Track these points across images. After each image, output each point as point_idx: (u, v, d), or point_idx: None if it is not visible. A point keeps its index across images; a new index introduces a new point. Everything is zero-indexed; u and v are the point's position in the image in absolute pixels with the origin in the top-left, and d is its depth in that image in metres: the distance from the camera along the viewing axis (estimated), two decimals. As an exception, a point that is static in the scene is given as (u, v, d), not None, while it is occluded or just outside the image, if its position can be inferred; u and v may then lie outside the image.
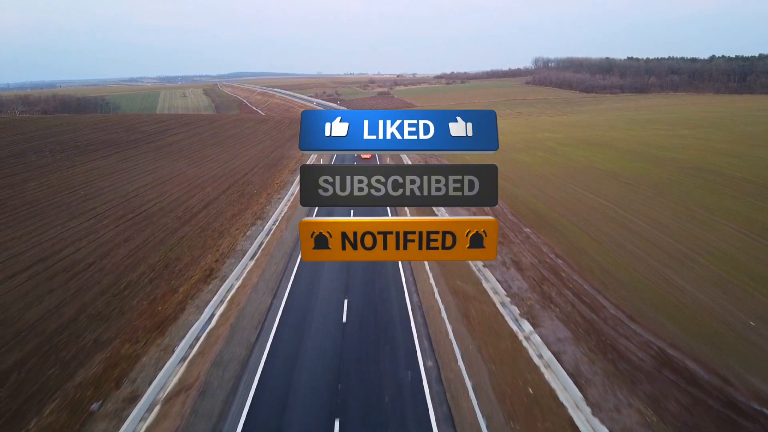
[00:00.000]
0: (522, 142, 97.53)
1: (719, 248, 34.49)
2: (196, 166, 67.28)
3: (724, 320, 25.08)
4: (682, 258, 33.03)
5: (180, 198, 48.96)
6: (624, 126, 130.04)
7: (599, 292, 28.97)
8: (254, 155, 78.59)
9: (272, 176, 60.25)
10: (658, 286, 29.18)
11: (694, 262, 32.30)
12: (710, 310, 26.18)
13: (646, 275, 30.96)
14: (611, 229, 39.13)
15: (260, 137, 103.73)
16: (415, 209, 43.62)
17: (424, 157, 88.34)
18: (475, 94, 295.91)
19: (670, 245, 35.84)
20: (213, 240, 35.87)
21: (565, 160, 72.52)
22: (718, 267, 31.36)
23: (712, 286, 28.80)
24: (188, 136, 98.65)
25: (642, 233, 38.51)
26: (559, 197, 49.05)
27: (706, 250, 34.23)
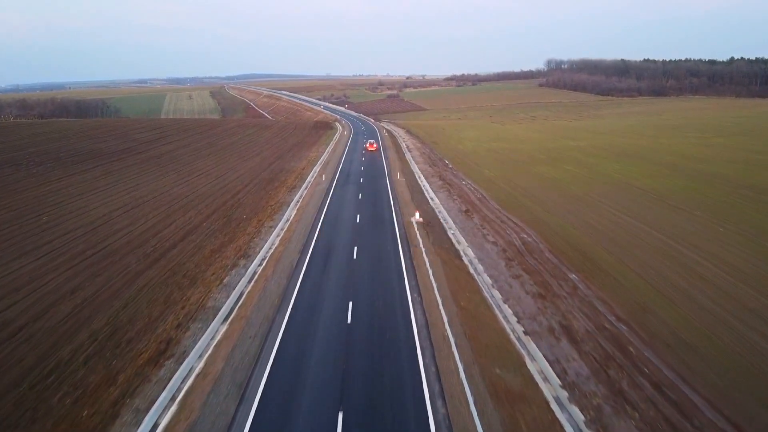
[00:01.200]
0: (543, 151, 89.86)
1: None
2: (184, 182, 60.41)
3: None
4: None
5: (156, 226, 42.00)
6: (649, 132, 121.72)
7: (684, 379, 21.49)
8: (251, 168, 71.64)
9: (267, 195, 53.20)
10: (755, 367, 21.75)
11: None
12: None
13: (737, 348, 23.51)
14: (675, 274, 31.55)
15: (261, 146, 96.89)
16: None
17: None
18: (487, 96, 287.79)
19: (752, 299, 28.26)
20: (180, 290, 28.79)
21: (596, 175, 64.83)
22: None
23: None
24: (183, 145, 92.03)
25: (713, 280, 30.91)
26: (601, 226, 41.47)
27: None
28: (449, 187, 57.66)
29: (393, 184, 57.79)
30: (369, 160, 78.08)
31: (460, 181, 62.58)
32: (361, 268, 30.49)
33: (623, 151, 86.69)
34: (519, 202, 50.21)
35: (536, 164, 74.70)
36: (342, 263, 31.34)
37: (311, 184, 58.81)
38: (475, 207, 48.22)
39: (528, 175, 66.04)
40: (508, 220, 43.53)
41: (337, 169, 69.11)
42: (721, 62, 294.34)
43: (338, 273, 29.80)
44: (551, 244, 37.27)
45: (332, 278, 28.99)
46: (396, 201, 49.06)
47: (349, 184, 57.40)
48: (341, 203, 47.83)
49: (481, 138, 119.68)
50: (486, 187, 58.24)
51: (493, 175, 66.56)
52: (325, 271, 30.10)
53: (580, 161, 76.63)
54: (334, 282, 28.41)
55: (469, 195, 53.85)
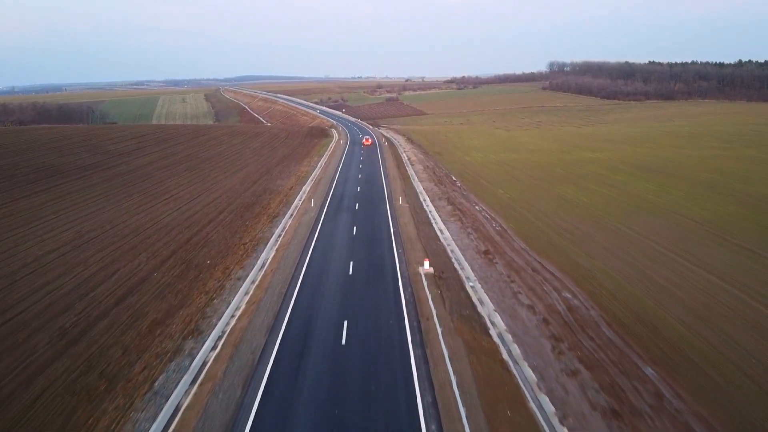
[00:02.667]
0: (560, 165, 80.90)
1: None
2: (148, 209, 51.30)
3: None
4: None
5: (93, 278, 32.90)
6: (668, 141, 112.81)
7: None
8: (231, 187, 62.55)
9: (243, 228, 44.10)
10: None
11: None
12: None
13: None
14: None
15: (247, 158, 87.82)
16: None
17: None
18: (489, 100, 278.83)
19: None
20: (90, 403, 19.74)
21: (629, 197, 55.82)
22: None
23: None
24: (161, 157, 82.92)
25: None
26: (662, 279, 32.37)
27: None
28: (461, 215, 48.62)
29: (394, 212, 48.69)
30: (366, 177, 69.00)
31: (472, 205, 53.54)
32: (353, 365, 21.32)
33: (648, 166, 77.77)
34: (548, 238, 41.14)
35: (556, 182, 65.70)
36: (325, 355, 22.14)
37: (298, 211, 49.73)
38: (496, 246, 39.15)
39: (550, 197, 57.03)
40: (541, 267, 34.46)
41: (329, 190, 60.01)
42: (730, 65, 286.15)
43: (319, 374, 20.63)
44: (605, 310, 28.20)
45: (309, 387, 19.84)
46: (398, 238, 39.95)
47: (342, 212, 48.26)
48: (330, 242, 38.64)
49: (488, 148, 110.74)
50: (504, 214, 49.21)
51: (510, 197, 57.53)
52: (300, 372, 20.91)
53: (605, 179, 67.62)
54: (311, 396, 19.26)
55: (486, 226, 44.79)
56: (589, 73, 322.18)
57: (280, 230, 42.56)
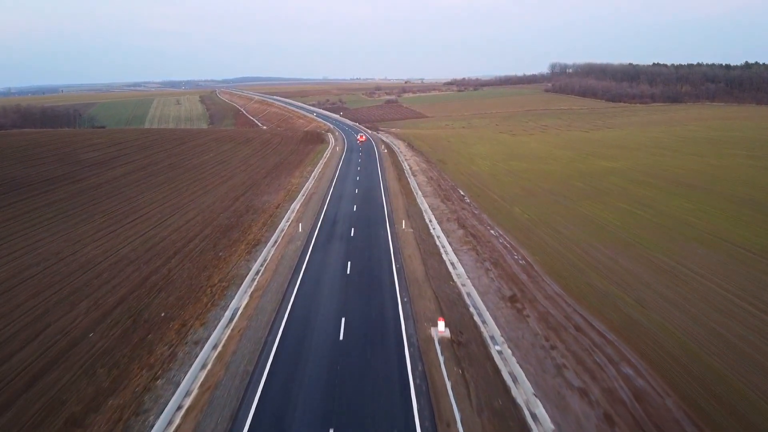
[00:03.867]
0: (577, 176, 73.65)
1: None
2: (106, 235, 43.92)
3: None
4: None
5: (9, 341, 25.53)
6: (686, 149, 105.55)
7: None
8: (210, 204, 55.20)
9: (214, 262, 36.74)
10: None
11: None
12: None
13: None
14: None
15: (234, 167, 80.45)
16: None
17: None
18: (491, 102, 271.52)
19: None
20: None
21: (665, 219, 48.50)
22: None
23: None
24: (139, 168, 75.52)
25: None
26: (745, 343, 25.05)
27: None
28: (475, 243, 41.31)
29: (397, 239, 41.31)
30: (364, 192, 61.63)
31: (486, 228, 46.22)
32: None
33: (674, 178, 70.54)
34: (585, 277, 33.83)
35: (577, 198, 58.45)
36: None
37: (283, 238, 42.38)
38: (523, 288, 31.83)
39: (574, 218, 49.75)
40: (585, 323, 27.12)
41: (321, 209, 52.62)
42: (737, 67, 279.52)
43: None
44: (683, 396, 20.91)
45: None
46: (403, 279, 32.58)
47: (334, 240, 40.81)
48: (318, 287, 31.15)
49: (494, 155, 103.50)
50: (525, 241, 41.90)
51: (529, 217, 50.24)
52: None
53: (631, 194, 60.38)
54: None
55: (507, 259, 37.46)
56: (593, 75, 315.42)
57: (259, 265, 35.22)
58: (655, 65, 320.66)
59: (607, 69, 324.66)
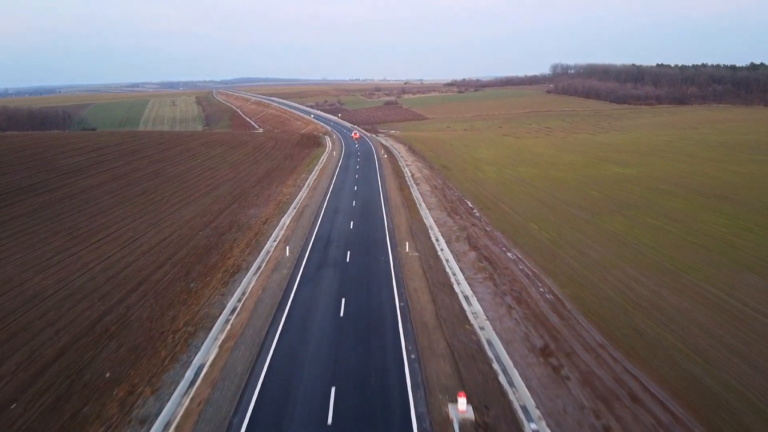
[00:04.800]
0: (591, 185, 67.92)
1: None
2: (66, 258, 38.15)
3: None
4: None
5: None
6: (704, 154, 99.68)
7: None
8: (190, 220, 49.43)
9: (183, 297, 30.98)
10: None
11: None
12: None
13: None
14: None
15: (222, 175, 74.68)
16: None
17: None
18: (492, 104, 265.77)
19: None
20: None
21: (701, 238, 42.71)
22: None
23: None
24: (117, 176, 69.72)
25: None
26: None
27: None
28: (491, 269, 35.58)
29: (400, 268, 35.46)
30: (362, 205, 55.85)
31: (502, 250, 40.48)
32: None
33: (698, 187, 64.93)
34: (629, 319, 28.03)
35: (598, 212, 52.76)
36: None
37: (267, 263, 36.63)
38: (556, 336, 26.08)
39: (599, 236, 44.01)
40: (642, 389, 21.36)
41: (313, 226, 46.80)
42: (744, 68, 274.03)
43: None
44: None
45: None
46: (409, 325, 26.80)
47: (326, 268, 34.94)
48: (304, 334, 25.38)
49: (500, 160, 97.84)
50: (549, 267, 36.16)
51: (548, 235, 44.50)
52: None
53: (656, 206, 54.71)
54: None
55: (532, 292, 31.72)
56: (595, 76, 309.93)
57: (236, 300, 29.49)
58: (658, 66, 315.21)
59: (609, 70, 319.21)
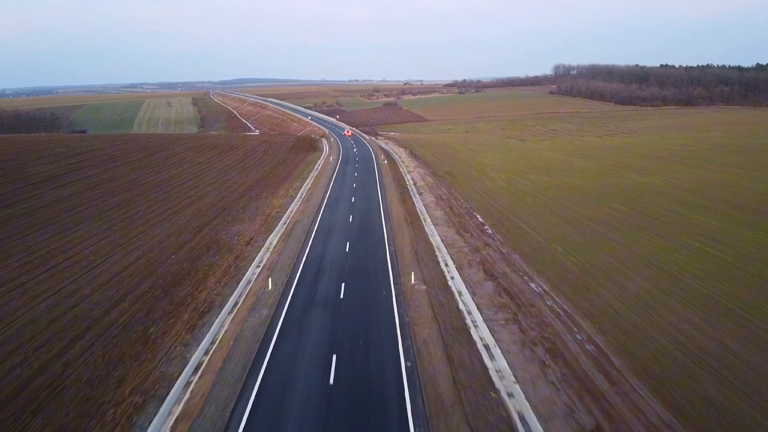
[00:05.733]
0: (612, 195, 61.89)
1: None
2: (10, 293, 32.13)
3: None
4: None
5: None
6: (723, 159, 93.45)
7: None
8: (164, 238, 43.43)
9: (135, 350, 25.01)
10: None
11: None
12: None
13: None
14: None
15: (208, 183, 68.70)
16: None
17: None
18: (495, 105, 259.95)
19: None
20: None
21: (749, 263, 36.63)
22: None
23: None
24: (92, 186, 63.72)
25: None
26: None
27: None
28: (514, 307, 29.61)
29: (405, 310, 29.19)
30: (360, 222, 49.72)
31: (523, 279, 34.48)
32: None
33: (730, 199, 58.89)
34: (698, 386, 22.02)
35: (626, 228, 46.79)
36: None
37: (245, 299, 30.63)
38: (609, 411, 20.04)
39: (634, 261, 38.00)
40: None
41: (304, 248, 40.70)
42: (751, 69, 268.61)
43: None
44: None
45: None
46: (418, 400, 20.69)
47: (315, 310, 28.63)
48: (281, 415, 19.21)
49: (508, 165, 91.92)
50: (584, 304, 30.15)
51: (575, 260, 38.51)
52: None
53: (689, 222, 48.75)
54: None
55: (567, 343, 25.71)
56: (599, 76, 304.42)
57: (202, 353, 23.56)
58: (663, 67, 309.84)
59: (613, 70, 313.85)
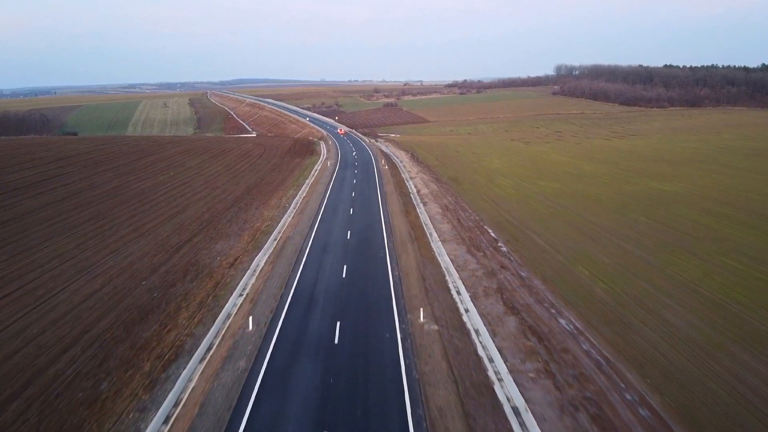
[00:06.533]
0: (631, 204, 56.94)
1: None
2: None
3: None
4: None
5: None
6: (740, 164, 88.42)
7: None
8: (137, 260, 38.38)
9: (83, 411, 19.96)
10: None
11: None
12: None
13: None
14: None
15: (194, 192, 63.67)
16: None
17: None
18: (496, 106, 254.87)
19: None
20: None
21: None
22: None
23: None
24: (69, 194, 58.72)
25: None
26: None
27: None
28: (547, 355, 24.62)
29: (414, 361, 23.79)
30: (359, 239, 44.63)
31: (550, 313, 29.48)
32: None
33: (761, 210, 54.05)
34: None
35: (655, 246, 41.81)
36: None
37: (220, 344, 25.61)
38: None
39: (675, 289, 33.04)
40: None
41: (294, 273, 35.63)
42: (757, 69, 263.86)
43: None
44: None
45: None
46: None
47: (303, 359, 23.20)
48: None
49: (515, 170, 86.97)
50: (629, 349, 25.16)
51: (606, 287, 33.52)
52: None
53: (724, 239, 43.81)
54: None
55: (615, 404, 20.67)
56: (602, 77, 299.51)
57: (160, 422, 18.59)
58: (667, 67, 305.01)
59: (617, 71, 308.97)
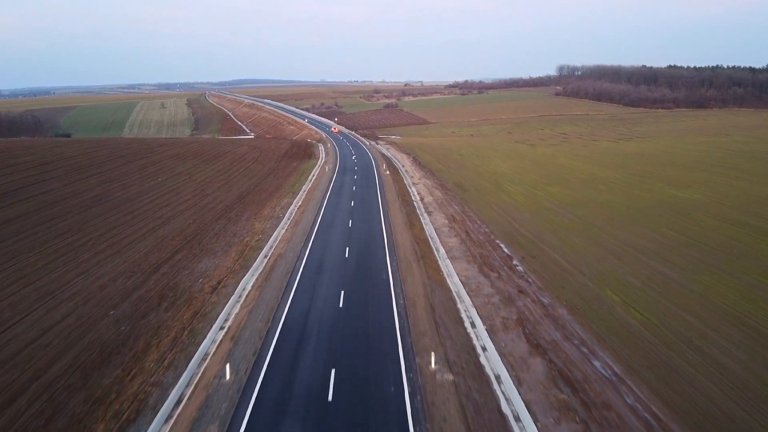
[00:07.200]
0: (652, 213, 52.56)
1: None
2: None
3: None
4: None
5: None
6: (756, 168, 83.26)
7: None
8: (108, 282, 34.08)
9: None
10: None
11: None
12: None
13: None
14: None
15: (181, 201, 59.39)
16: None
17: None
18: (499, 107, 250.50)
19: None
20: None
21: None
22: None
23: None
24: (48, 203, 54.46)
25: None
26: None
27: None
28: (585, 414, 20.36)
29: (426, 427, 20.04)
30: (358, 256, 40.29)
31: (583, 355, 25.19)
32: None
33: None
34: None
35: (685, 264, 37.60)
36: None
37: (191, 398, 21.29)
38: None
39: (719, 320, 28.79)
40: None
41: (283, 302, 31.36)
42: (763, 70, 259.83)
43: None
44: None
45: None
46: None
47: (288, 425, 19.42)
48: None
49: (523, 175, 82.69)
50: (684, 405, 20.87)
51: (642, 318, 29.19)
52: None
53: (759, 255, 39.58)
54: None
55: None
56: (606, 77, 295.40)
57: None
58: (671, 67, 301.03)
59: (620, 71, 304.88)
